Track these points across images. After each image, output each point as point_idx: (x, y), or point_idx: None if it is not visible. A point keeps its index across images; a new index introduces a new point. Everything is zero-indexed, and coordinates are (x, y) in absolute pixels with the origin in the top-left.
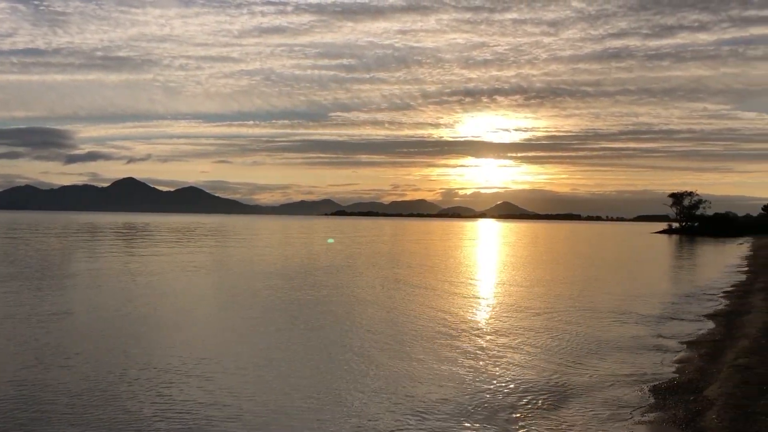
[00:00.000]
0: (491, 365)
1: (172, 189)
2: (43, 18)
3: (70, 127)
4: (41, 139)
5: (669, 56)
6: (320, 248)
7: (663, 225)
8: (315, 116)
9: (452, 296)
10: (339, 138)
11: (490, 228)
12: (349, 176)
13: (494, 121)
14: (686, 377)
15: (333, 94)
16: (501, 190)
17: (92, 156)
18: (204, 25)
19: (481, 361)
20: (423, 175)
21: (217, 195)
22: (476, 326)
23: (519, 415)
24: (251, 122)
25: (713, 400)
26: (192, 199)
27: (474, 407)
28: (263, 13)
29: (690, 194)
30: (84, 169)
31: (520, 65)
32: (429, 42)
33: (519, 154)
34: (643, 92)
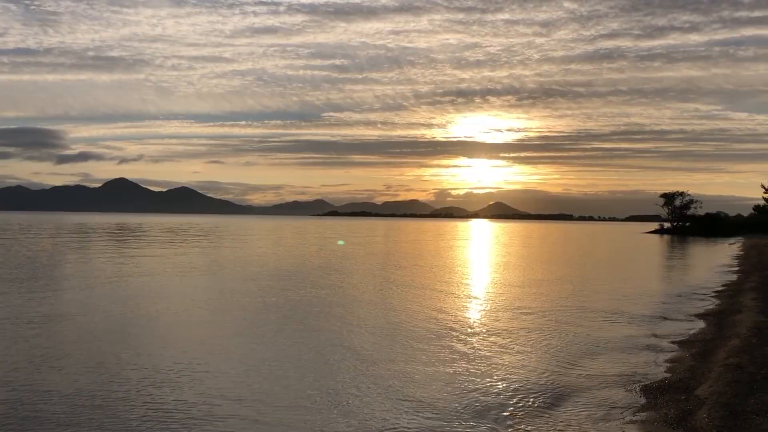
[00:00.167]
0: (483, 365)
1: (164, 189)
2: (34, 17)
3: (62, 127)
4: (32, 140)
5: (660, 57)
6: (316, 249)
7: (655, 225)
8: (307, 116)
9: (446, 296)
10: (332, 138)
11: (483, 228)
12: (342, 177)
13: (487, 122)
14: (678, 377)
15: (325, 95)
16: (493, 191)
17: (84, 156)
18: (196, 25)
19: (474, 361)
20: (416, 176)
21: (210, 195)
22: (469, 326)
23: (511, 415)
24: (243, 122)
25: (704, 399)
26: (184, 200)
27: (465, 407)
28: (255, 13)
29: (681, 194)
30: (75, 170)
31: (513, 66)
32: (421, 42)
33: (511, 155)
34: (635, 93)
